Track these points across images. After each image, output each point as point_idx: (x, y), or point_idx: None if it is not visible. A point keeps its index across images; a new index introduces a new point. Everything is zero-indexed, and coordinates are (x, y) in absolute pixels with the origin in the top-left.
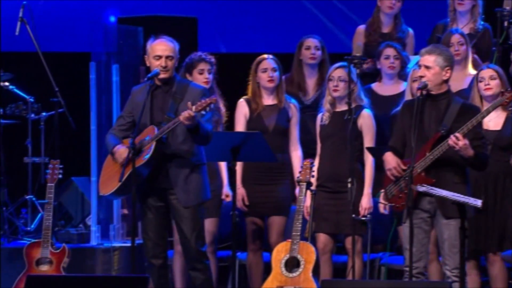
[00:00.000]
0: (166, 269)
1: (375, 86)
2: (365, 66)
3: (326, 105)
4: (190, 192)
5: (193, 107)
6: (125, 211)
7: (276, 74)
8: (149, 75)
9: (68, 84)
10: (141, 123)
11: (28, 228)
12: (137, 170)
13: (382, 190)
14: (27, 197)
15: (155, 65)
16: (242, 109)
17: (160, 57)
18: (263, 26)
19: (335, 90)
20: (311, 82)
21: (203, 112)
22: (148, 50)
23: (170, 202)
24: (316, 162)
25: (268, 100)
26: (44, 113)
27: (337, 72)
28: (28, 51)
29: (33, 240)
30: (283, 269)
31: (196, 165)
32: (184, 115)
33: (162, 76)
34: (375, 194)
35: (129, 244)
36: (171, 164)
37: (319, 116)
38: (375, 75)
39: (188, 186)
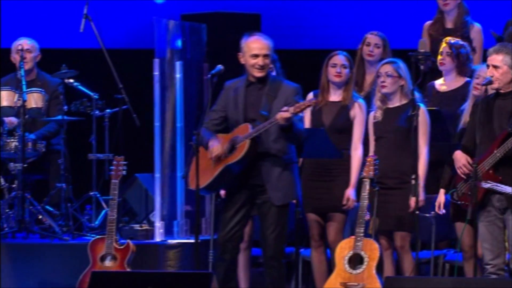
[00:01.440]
0: (235, 265)
1: (436, 82)
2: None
3: (377, 102)
4: (282, 190)
5: (291, 108)
6: (189, 208)
7: (345, 70)
8: (213, 71)
9: (132, 81)
10: (233, 119)
11: (93, 224)
12: (229, 167)
13: (454, 188)
14: (92, 193)
15: (252, 63)
16: None
17: (257, 56)
18: (327, 22)
19: (383, 86)
20: (369, 78)
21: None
22: (244, 48)
23: (259, 199)
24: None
25: (334, 96)
26: (108, 110)
27: (384, 68)
28: (92, 48)
29: (97, 236)
30: (347, 266)
31: (287, 163)
32: (282, 115)
33: (258, 75)
34: (447, 192)
35: (192, 240)
36: (263, 162)
37: (371, 114)
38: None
39: (279, 184)
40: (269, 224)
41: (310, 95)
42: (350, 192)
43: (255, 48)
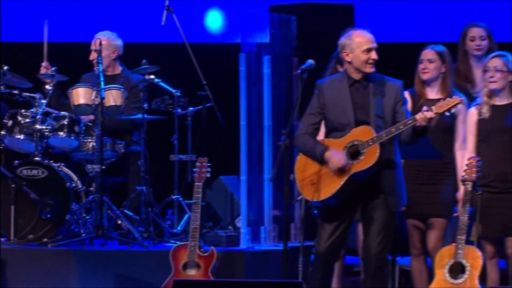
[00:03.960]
0: (331, 276)
1: None
2: None
3: (483, 97)
4: (397, 195)
5: (435, 107)
6: (277, 212)
7: (432, 66)
8: (303, 66)
9: (217, 77)
10: (338, 122)
11: (175, 230)
12: (355, 175)
13: None
14: (174, 197)
15: (364, 59)
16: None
17: (370, 49)
18: (422, 13)
19: (491, 82)
20: (478, 73)
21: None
22: (351, 44)
23: (370, 204)
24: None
25: (432, 93)
26: (191, 108)
27: (493, 62)
28: (174, 42)
29: (179, 243)
30: (447, 275)
31: (398, 165)
32: (424, 115)
33: (371, 70)
34: None
35: (281, 248)
36: (381, 165)
37: (472, 110)
38: None
39: (395, 188)
40: (378, 231)
41: (406, 94)
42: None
43: (366, 42)
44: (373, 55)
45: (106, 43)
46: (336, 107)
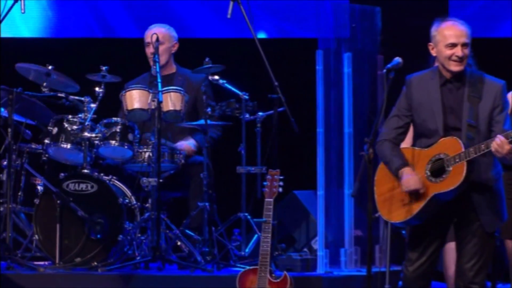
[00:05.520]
0: None
1: None
2: None
3: None
4: (493, 213)
5: None
6: (359, 233)
7: None
8: (389, 65)
9: (290, 78)
10: (425, 127)
11: (242, 253)
12: (438, 196)
13: None
14: (241, 214)
15: (447, 55)
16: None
17: (454, 45)
18: None
19: None
20: None
21: None
22: (436, 36)
23: (462, 224)
24: None
25: None
26: (260, 113)
27: None
28: (241, 37)
29: (248, 267)
30: None
31: (496, 178)
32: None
33: (455, 68)
34: None
35: (364, 273)
36: (472, 181)
37: None
38: None
39: (491, 206)
40: (473, 254)
41: (509, 96)
42: None
43: (451, 35)
44: (458, 51)
45: (166, 35)
46: (423, 109)
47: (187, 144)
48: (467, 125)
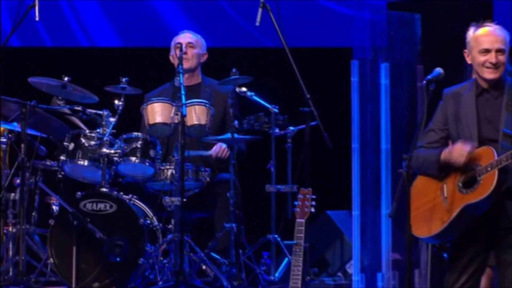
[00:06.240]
0: None
1: None
2: None
3: None
4: None
5: None
6: (397, 256)
7: None
8: (429, 76)
9: (323, 89)
10: (459, 138)
11: (271, 277)
12: (469, 207)
13: None
14: (270, 236)
15: (481, 61)
16: None
17: (488, 51)
18: None
19: None
20: None
21: None
22: (470, 42)
23: (502, 245)
24: None
25: None
26: (291, 128)
27: None
28: (271, 46)
29: None
30: None
31: None
32: None
33: (490, 76)
34: None
35: None
36: (506, 191)
37: None
38: None
39: None
40: None
41: None
42: None
43: (484, 41)
44: (492, 57)
45: (198, 41)
46: (459, 120)
47: (219, 144)
48: (503, 134)
